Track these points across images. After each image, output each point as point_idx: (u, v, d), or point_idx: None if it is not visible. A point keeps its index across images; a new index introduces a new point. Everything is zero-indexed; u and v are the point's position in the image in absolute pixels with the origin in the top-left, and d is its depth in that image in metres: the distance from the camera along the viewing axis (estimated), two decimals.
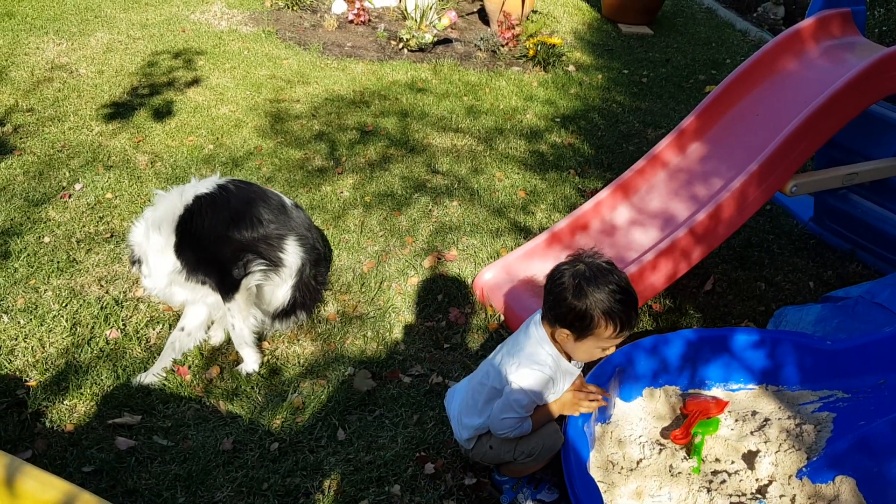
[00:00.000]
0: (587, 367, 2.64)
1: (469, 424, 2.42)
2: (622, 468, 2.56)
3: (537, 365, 2.27)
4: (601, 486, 2.43)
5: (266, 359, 3.10)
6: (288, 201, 3.23)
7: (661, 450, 2.62)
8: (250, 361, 3.04)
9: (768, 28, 8.47)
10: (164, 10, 7.11)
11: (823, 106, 3.22)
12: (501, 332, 3.33)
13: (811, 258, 4.10)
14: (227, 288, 3.02)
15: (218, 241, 2.98)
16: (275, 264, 3.07)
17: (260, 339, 3.17)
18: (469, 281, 3.66)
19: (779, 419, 2.74)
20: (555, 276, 2.26)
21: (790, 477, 2.53)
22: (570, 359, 2.33)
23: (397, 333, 3.31)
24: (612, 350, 2.28)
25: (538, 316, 2.35)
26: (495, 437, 2.39)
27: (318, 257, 3.30)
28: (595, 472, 2.47)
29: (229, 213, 2.98)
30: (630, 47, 7.59)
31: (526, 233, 4.10)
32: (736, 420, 2.77)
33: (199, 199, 2.97)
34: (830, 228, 4.26)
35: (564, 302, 2.19)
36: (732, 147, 3.56)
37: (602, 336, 2.20)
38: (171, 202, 2.97)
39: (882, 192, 3.80)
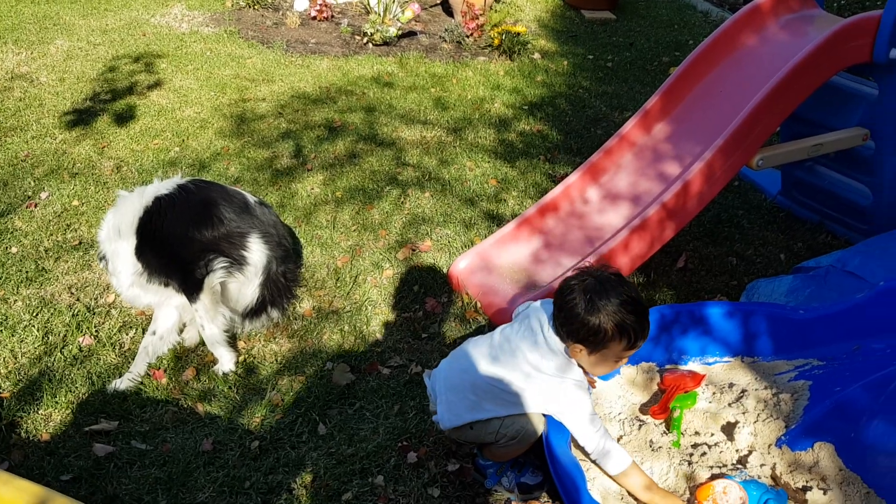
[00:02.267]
0: None
1: (469, 419, 2.41)
2: None
3: (574, 379, 2.32)
4: (583, 465, 2.44)
5: (242, 358, 3.07)
6: (252, 199, 3.20)
7: (640, 426, 2.64)
8: (225, 361, 3.02)
9: (729, 7, 8.54)
10: (124, 15, 7.02)
11: (785, 79, 3.26)
12: (479, 319, 3.33)
13: (781, 231, 4.15)
14: (191, 288, 2.99)
15: (178, 241, 2.96)
16: (238, 262, 3.05)
17: (234, 338, 3.15)
18: (444, 270, 3.66)
19: (756, 390, 2.77)
20: (564, 291, 2.28)
21: (769, 446, 2.55)
22: (585, 372, 2.37)
23: (374, 326, 3.30)
24: (624, 362, 2.34)
25: (544, 321, 2.35)
26: (478, 421, 2.39)
27: (286, 254, 3.27)
28: (577, 451, 2.48)
29: (189, 213, 2.96)
30: (594, 33, 7.62)
31: (499, 220, 4.10)
32: (714, 393, 2.79)
33: (158, 200, 2.95)
34: (799, 201, 4.32)
35: (577, 318, 2.21)
36: (697, 124, 3.58)
37: (616, 349, 2.24)
38: (132, 204, 2.96)
39: (847, 162, 3.85)
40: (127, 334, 3.19)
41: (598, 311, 2.19)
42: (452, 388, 2.47)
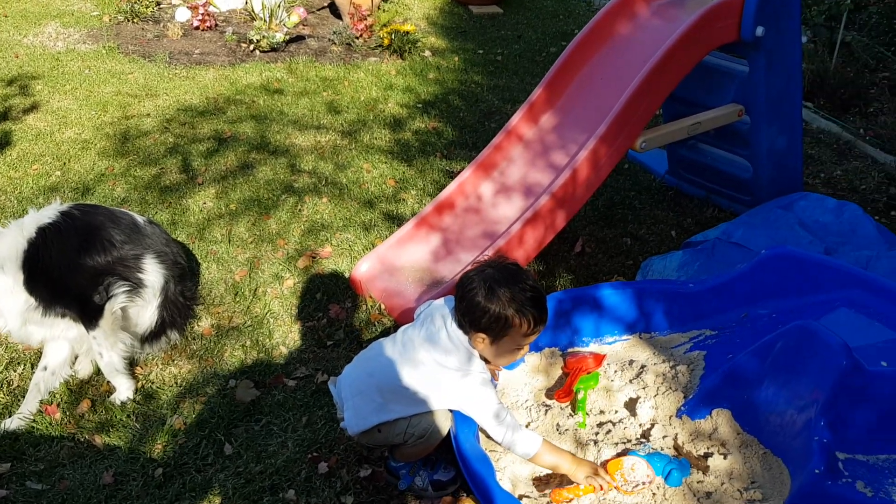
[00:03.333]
0: None
1: (376, 421, 2.39)
2: None
3: (476, 372, 2.32)
4: (493, 455, 2.47)
5: (140, 384, 2.97)
6: (140, 219, 3.10)
7: (547, 410, 2.68)
8: (123, 389, 2.91)
9: None
10: None
11: (659, 63, 3.37)
12: (384, 321, 3.32)
13: (671, 209, 4.30)
14: (90, 316, 2.88)
15: (71, 270, 2.83)
16: (136, 285, 2.94)
17: (131, 364, 3.03)
18: (346, 275, 3.63)
19: (654, 364, 2.85)
20: (464, 282, 2.31)
21: (670, 417, 2.63)
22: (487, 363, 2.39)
23: (277, 338, 3.24)
24: (525, 350, 2.38)
25: (447, 316, 2.36)
26: (385, 423, 2.38)
27: (183, 272, 3.19)
28: (485, 442, 2.50)
29: (78, 240, 2.84)
30: (482, 27, 7.70)
31: (399, 221, 4.10)
32: (615, 371, 2.86)
33: (42, 231, 2.82)
34: (685, 178, 4.48)
35: (478, 306, 2.24)
36: (581, 113, 3.67)
37: (517, 335, 2.28)
38: (13, 239, 2.81)
39: (726, 138, 4.01)
40: (15, 371, 3.03)
41: (499, 299, 2.24)
42: (358, 392, 2.45)
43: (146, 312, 3.05)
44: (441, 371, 2.34)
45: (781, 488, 2.38)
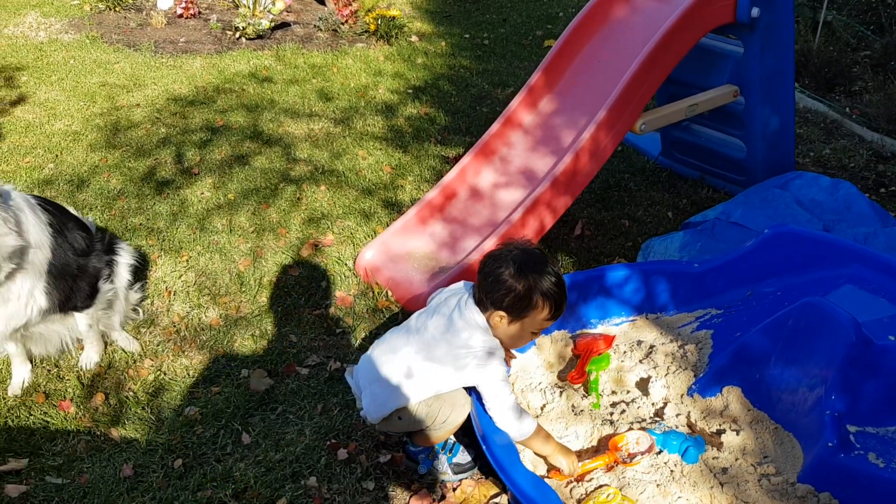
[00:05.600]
0: None
1: (394, 406, 2.42)
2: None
3: (492, 349, 2.34)
4: None
5: (153, 376, 2.97)
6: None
7: (561, 392, 2.72)
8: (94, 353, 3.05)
9: None
10: None
11: (658, 45, 3.40)
12: (392, 308, 3.34)
13: (666, 190, 4.34)
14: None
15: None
16: None
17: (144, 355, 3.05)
18: (350, 263, 3.64)
19: (662, 344, 2.90)
20: (490, 260, 2.34)
21: (682, 396, 2.69)
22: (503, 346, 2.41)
23: (286, 327, 3.25)
24: (538, 335, 2.42)
25: (466, 299, 2.38)
26: (404, 409, 2.41)
27: None
28: None
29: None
30: (467, 11, 7.69)
31: (398, 207, 4.11)
32: (624, 352, 2.90)
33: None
34: (679, 160, 4.52)
35: (504, 284, 2.27)
36: (581, 97, 3.69)
37: (537, 319, 2.31)
38: None
39: (720, 119, 4.06)
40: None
41: (525, 279, 2.27)
42: (375, 379, 2.47)
43: None
44: (456, 352, 2.36)
45: (794, 462, 2.44)
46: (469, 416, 2.45)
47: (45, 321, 2.84)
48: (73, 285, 2.87)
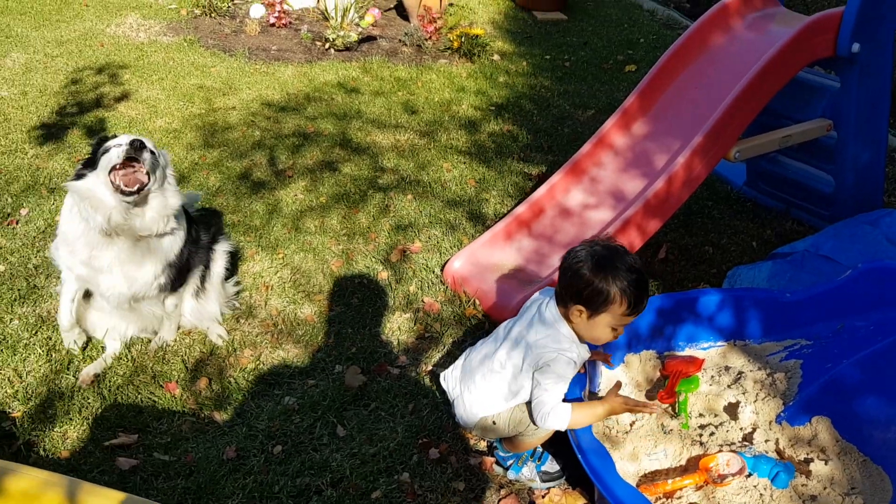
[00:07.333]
0: None
1: (487, 413, 2.50)
2: (617, 432, 2.69)
3: (562, 350, 2.38)
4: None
5: (253, 365, 3.10)
6: None
7: None
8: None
9: (674, 6, 8.82)
10: (78, 26, 6.88)
11: (759, 75, 3.44)
12: (478, 316, 3.43)
13: (750, 220, 4.35)
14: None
15: None
16: None
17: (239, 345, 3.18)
18: (437, 271, 3.74)
19: (751, 371, 2.92)
20: (571, 255, 2.39)
21: (770, 423, 2.71)
22: (581, 340, 2.45)
23: (377, 328, 3.36)
24: (620, 332, 2.40)
25: (548, 301, 2.45)
26: (499, 414, 2.49)
27: None
28: (600, 436, 2.59)
29: None
30: (548, 33, 7.79)
31: (483, 220, 4.20)
32: (712, 376, 2.94)
33: None
34: (764, 191, 4.52)
35: (583, 278, 2.31)
36: (675, 121, 3.75)
37: (616, 313, 2.32)
38: None
39: (810, 152, 4.06)
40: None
41: (604, 273, 2.29)
42: (469, 387, 2.56)
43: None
44: (538, 355, 2.41)
45: (883, 495, 2.45)
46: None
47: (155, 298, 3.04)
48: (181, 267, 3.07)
